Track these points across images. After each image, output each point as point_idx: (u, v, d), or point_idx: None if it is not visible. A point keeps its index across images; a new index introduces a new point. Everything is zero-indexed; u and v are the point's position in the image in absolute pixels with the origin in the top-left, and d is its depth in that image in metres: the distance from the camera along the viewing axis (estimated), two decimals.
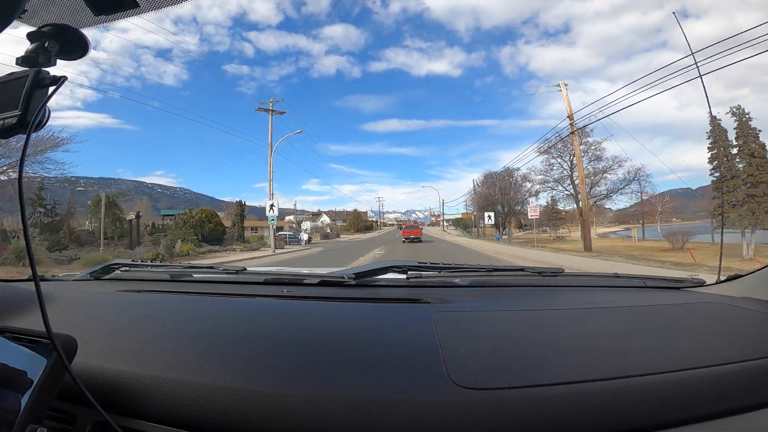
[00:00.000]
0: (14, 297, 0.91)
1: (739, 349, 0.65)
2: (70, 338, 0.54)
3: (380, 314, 0.85)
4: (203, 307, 0.96)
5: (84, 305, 0.99)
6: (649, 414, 0.54)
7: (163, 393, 0.59)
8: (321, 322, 0.81)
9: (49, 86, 0.45)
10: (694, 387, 0.57)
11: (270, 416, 0.54)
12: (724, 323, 0.77)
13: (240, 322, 0.82)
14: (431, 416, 0.52)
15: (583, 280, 1.18)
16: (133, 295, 1.08)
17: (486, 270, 1.15)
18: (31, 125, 0.44)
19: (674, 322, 0.79)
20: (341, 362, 0.62)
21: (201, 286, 1.22)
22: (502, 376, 0.57)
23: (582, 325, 0.77)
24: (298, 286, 1.13)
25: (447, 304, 0.90)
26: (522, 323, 0.79)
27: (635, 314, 0.84)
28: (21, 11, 0.46)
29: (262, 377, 0.59)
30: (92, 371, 0.63)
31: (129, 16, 0.54)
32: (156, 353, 0.68)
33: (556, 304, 0.94)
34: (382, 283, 1.11)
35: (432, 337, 0.69)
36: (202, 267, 1.37)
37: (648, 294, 1.04)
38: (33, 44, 0.47)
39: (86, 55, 0.50)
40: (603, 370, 0.58)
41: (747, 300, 0.85)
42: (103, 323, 0.85)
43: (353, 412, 0.53)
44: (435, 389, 0.55)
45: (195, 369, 0.61)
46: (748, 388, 0.58)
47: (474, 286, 1.09)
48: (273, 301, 1.00)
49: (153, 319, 0.87)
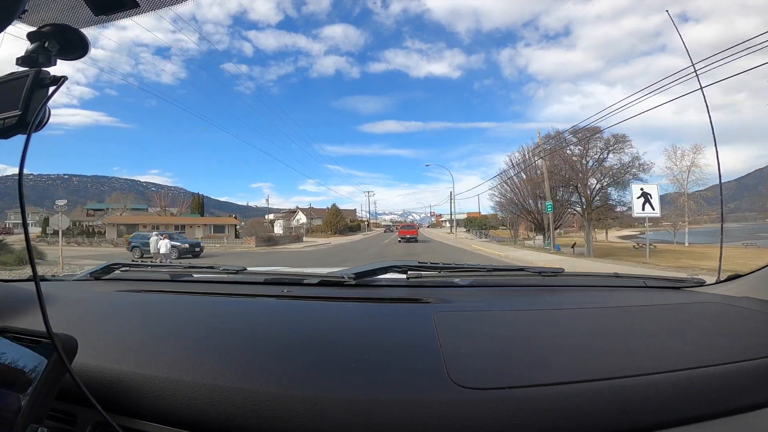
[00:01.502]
0: (14, 297, 0.91)
1: (739, 349, 0.65)
2: (71, 338, 0.54)
3: (380, 314, 0.85)
4: (203, 307, 0.96)
5: (84, 305, 0.99)
6: (649, 414, 0.54)
7: (163, 393, 0.59)
8: (321, 322, 0.81)
9: (50, 86, 0.45)
10: (694, 387, 0.57)
11: (270, 416, 0.54)
12: (724, 323, 0.77)
13: (240, 322, 0.82)
14: (431, 416, 0.52)
15: (583, 280, 1.18)
16: (133, 295, 1.08)
17: (486, 270, 1.15)
18: (31, 125, 0.44)
19: (674, 322, 0.79)
20: (341, 362, 0.62)
21: (201, 286, 1.22)
22: (502, 375, 0.57)
23: (582, 325, 0.77)
24: (298, 286, 1.13)
25: (447, 304, 0.90)
26: (522, 323, 0.79)
27: (635, 314, 0.84)
28: (21, 11, 0.46)
29: (263, 377, 0.59)
30: (92, 371, 0.63)
31: (129, 16, 0.54)
32: (156, 353, 0.68)
33: (556, 304, 0.94)
34: (382, 283, 1.11)
35: (432, 337, 0.69)
36: (202, 267, 1.37)
37: (648, 294, 1.04)
38: (33, 44, 0.47)
39: (86, 55, 0.50)
40: (603, 370, 0.58)
41: (747, 300, 0.85)
42: (103, 323, 0.85)
43: (353, 412, 0.53)
44: (435, 389, 0.55)
45: (195, 369, 0.61)
46: (748, 388, 0.58)
47: (474, 286, 1.09)
48: (273, 301, 1.00)
49: (153, 319, 0.87)
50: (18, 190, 0.45)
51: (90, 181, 70.19)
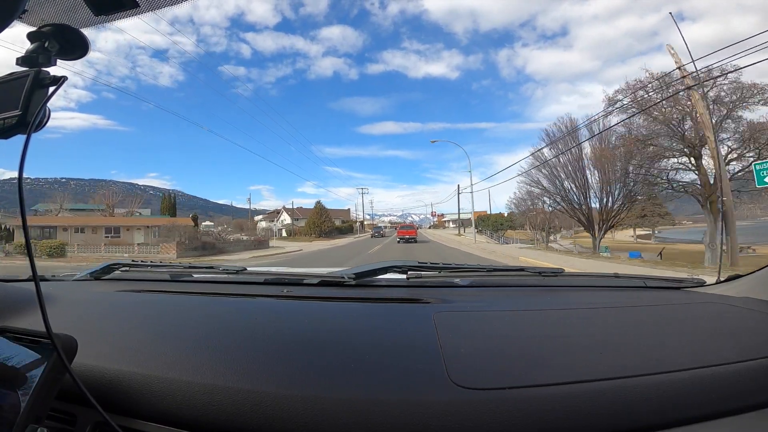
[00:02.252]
0: (14, 297, 0.91)
1: (739, 349, 0.65)
2: (70, 338, 0.54)
3: (380, 314, 0.85)
4: (203, 307, 0.96)
5: (84, 305, 0.99)
6: (649, 414, 0.54)
7: (163, 393, 0.59)
8: (321, 323, 0.81)
9: (49, 86, 0.45)
10: (694, 387, 0.57)
11: (270, 416, 0.54)
12: (724, 323, 0.77)
13: (240, 322, 0.82)
14: (432, 416, 0.52)
15: (583, 280, 1.18)
16: (133, 295, 1.08)
17: (486, 270, 1.15)
18: (31, 125, 0.44)
19: (674, 322, 0.79)
20: (341, 362, 0.62)
21: (201, 286, 1.22)
22: (502, 376, 0.57)
23: (582, 325, 0.77)
24: (298, 286, 1.13)
25: (447, 304, 0.90)
26: (522, 323, 0.79)
27: (635, 314, 0.84)
28: (21, 11, 0.46)
29: (263, 377, 0.59)
30: (92, 371, 0.63)
31: (129, 16, 0.54)
32: (156, 353, 0.68)
33: (556, 304, 0.94)
34: (382, 283, 1.11)
35: (432, 337, 0.69)
36: (202, 267, 1.38)
37: (648, 294, 1.04)
38: (33, 44, 0.47)
39: (86, 55, 0.50)
40: (603, 370, 0.58)
41: (747, 300, 0.85)
42: (103, 323, 0.85)
43: (353, 412, 0.53)
44: (435, 389, 0.55)
45: (195, 369, 0.61)
46: (748, 388, 0.58)
47: (474, 286, 1.09)
48: (273, 301, 1.00)
49: (153, 319, 0.87)
50: (18, 190, 0.45)
51: (88, 185, 70.16)
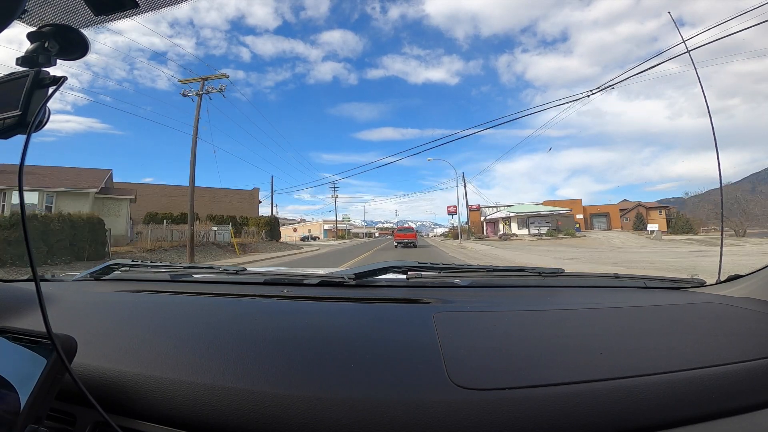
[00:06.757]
0: (14, 297, 0.91)
1: (740, 350, 0.65)
2: (70, 338, 0.54)
3: (380, 314, 0.85)
4: (203, 307, 0.96)
5: (84, 305, 0.99)
6: (650, 414, 0.54)
7: (163, 393, 0.59)
8: (321, 323, 0.81)
9: (49, 86, 0.45)
10: (694, 387, 0.57)
11: (270, 416, 0.54)
12: (724, 323, 0.77)
13: (240, 322, 0.82)
14: (431, 416, 0.52)
15: (583, 280, 1.18)
16: (133, 295, 1.08)
17: (486, 270, 1.15)
18: (31, 125, 0.44)
19: (674, 323, 0.79)
20: (341, 363, 0.62)
21: (201, 287, 1.22)
22: (502, 376, 0.57)
23: (582, 326, 0.77)
24: (297, 286, 1.13)
25: (447, 304, 0.90)
26: (522, 323, 0.79)
27: (635, 314, 0.84)
28: (21, 11, 0.46)
29: (262, 377, 0.59)
30: (92, 371, 0.63)
31: (129, 16, 0.54)
32: (156, 353, 0.68)
33: (556, 305, 0.94)
34: (381, 284, 1.11)
35: (432, 337, 0.69)
36: (202, 267, 1.38)
37: (648, 294, 1.04)
38: (33, 44, 0.47)
39: (86, 55, 0.50)
40: (603, 370, 0.58)
41: (747, 300, 0.85)
42: (103, 323, 0.85)
43: (353, 412, 0.53)
44: (435, 389, 0.55)
45: (195, 369, 0.61)
46: (749, 389, 0.58)
47: (474, 286, 1.09)
48: (273, 301, 1.00)
49: (153, 319, 0.87)
50: (18, 190, 0.45)
51: None
